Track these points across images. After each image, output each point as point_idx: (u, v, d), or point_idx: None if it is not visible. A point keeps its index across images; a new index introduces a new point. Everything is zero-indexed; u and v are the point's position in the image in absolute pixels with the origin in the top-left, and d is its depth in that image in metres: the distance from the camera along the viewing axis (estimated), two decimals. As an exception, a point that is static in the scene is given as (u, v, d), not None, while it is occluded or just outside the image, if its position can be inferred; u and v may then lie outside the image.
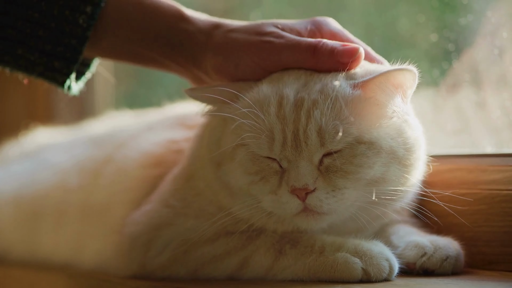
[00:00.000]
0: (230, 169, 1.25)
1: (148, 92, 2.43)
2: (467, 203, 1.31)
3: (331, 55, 1.24)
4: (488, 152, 1.43)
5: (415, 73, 1.21)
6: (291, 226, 1.26)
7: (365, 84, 1.21)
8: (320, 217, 1.22)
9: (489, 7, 1.51)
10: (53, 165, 1.69)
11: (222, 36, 1.29)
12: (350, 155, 1.20)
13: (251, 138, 1.21)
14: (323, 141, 1.19)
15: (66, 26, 1.30)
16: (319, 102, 1.20)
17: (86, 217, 1.53)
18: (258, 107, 1.22)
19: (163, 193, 1.37)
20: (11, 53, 1.32)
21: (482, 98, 1.53)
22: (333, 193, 1.20)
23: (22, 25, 1.30)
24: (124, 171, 1.49)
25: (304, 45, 1.25)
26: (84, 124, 1.92)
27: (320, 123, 1.19)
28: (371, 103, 1.22)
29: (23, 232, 1.69)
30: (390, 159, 1.21)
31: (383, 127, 1.22)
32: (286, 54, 1.26)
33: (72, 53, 1.31)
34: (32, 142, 1.92)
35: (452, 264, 1.26)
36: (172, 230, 1.32)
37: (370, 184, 1.21)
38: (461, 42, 1.58)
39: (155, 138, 1.49)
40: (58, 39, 1.31)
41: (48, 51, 1.31)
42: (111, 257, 1.41)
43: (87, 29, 1.30)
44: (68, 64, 1.32)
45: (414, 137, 1.25)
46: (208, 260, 1.29)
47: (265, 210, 1.24)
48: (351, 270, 1.20)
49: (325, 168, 1.20)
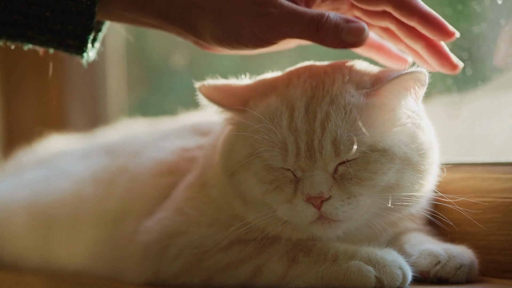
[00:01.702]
0: (244, 178, 1.25)
1: (161, 99, 2.43)
2: (481, 212, 1.31)
3: (335, 32, 1.21)
4: (502, 161, 1.42)
5: (425, 73, 1.21)
6: (306, 234, 1.26)
7: (377, 92, 1.22)
8: (336, 224, 1.22)
9: (503, 15, 1.51)
10: (67, 173, 1.69)
11: (219, 3, 1.25)
12: (364, 162, 1.20)
13: (264, 150, 1.21)
14: (338, 152, 1.19)
15: (71, 5, 1.29)
16: (332, 114, 1.20)
17: (100, 225, 1.53)
18: (269, 120, 1.22)
19: (177, 201, 1.37)
20: (22, 36, 1.32)
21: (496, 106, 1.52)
22: (348, 201, 1.20)
23: (27, 9, 1.30)
24: (138, 179, 1.49)
25: (306, 19, 1.22)
26: (97, 131, 1.93)
27: (335, 135, 1.19)
28: (384, 110, 1.22)
29: (37, 239, 1.69)
30: (405, 165, 1.22)
31: (396, 134, 1.22)
32: (286, 26, 1.22)
33: (82, 30, 1.30)
34: (46, 150, 1.92)
35: (466, 272, 1.26)
36: (185, 238, 1.32)
37: (385, 190, 1.21)
38: (474, 50, 1.58)
39: (169, 146, 1.49)
40: (66, 18, 1.30)
41: (58, 30, 1.31)
42: (124, 265, 1.42)
43: (92, 5, 1.29)
44: (81, 40, 1.31)
45: (427, 142, 1.25)
46: (222, 268, 1.29)
47: (281, 219, 1.24)
48: (365, 278, 1.20)
49: (340, 176, 1.20)
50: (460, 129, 1.56)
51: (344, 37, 1.21)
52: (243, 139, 1.25)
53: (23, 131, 2.44)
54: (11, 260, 1.77)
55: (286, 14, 1.22)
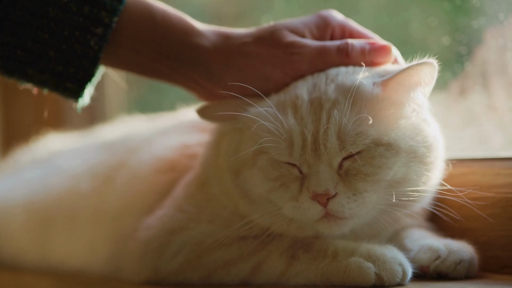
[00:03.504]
0: (250, 176, 1.25)
1: (159, 97, 2.43)
2: (481, 207, 1.31)
3: (363, 55, 1.26)
4: (502, 156, 1.42)
5: (435, 66, 1.21)
6: (311, 232, 1.26)
7: (385, 83, 1.21)
8: (342, 222, 1.21)
9: (502, 9, 1.51)
10: (65, 170, 1.69)
11: (239, 50, 1.29)
12: (369, 157, 1.20)
13: (270, 142, 1.21)
14: (343, 144, 1.19)
15: (77, 48, 1.28)
16: (338, 102, 1.20)
17: (98, 223, 1.53)
18: (274, 113, 1.21)
19: (177, 198, 1.37)
20: (21, 73, 1.31)
21: (495, 101, 1.52)
22: (354, 197, 1.20)
23: (32, 46, 1.28)
24: (137, 176, 1.48)
25: (334, 49, 1.27)
26: (95, 129, 1.92)
27: (340, 124, 1.18)
28: (391, 102, 1.22)
29: (35, 238, 1.69)
30: (411, 158, 1.21)
31: (402, 127, 1.21)
32: (318, 61, 1.27)
33: (84, 74, 1.29)
34: (44, 148, 1.92)
35: (465, 267, 1.26)
36: (185, 235, 1.32)
37: (392, 186, 1.21)
38: (473, 45, 1.58)
39: (168, 143, 1.49)
40: (70, 60, 1.29)
41: (59, 71, 1.29)
42: (124, 262, 1.42)
43: (98, 51, 1.28)
44: (80, 85, 1.30)
45: (433, 135, 1.25)
46: (221, 265, 1.28)
47: (286, 217, 1.23)
48: (364, 275, 1.19)
49: (345, 172, 1.20)
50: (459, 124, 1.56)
51: (373, 58, 1.26)
52: (248, 137, 1.25)
53: (21, 130, 2.44)
54: (10, 259, 1.77)
55: (315, 50, 1.27)
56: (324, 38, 1.30)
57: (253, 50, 1.28)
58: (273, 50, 1.27)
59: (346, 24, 1.31)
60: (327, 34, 1.30)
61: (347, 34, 1.31)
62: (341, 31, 1.31)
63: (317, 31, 1.30)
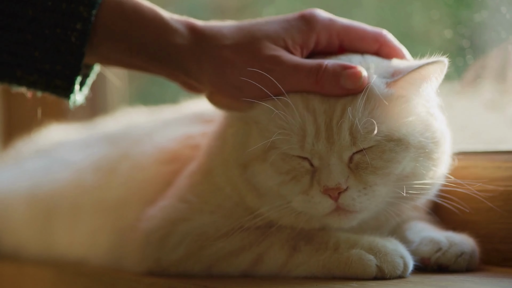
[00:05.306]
0: (259, 170, 1.25)
1: (161, 89, 2.43)
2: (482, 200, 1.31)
3: (334, 80, 1.21)
4: (504, 149, 1.42)
5: (445, 63, 1.21)
6: (319, 225, 1.26)
7: (397, 83, 1.21)
8: (352, 215, 1.22)
9: (504, 3, 1.51)
10: (67, 162, 1.69)
11: (213, 54, 1.26)
12: (379, 151, 1.20)
13: (281, 139, 1.20)
14: (355, 140, 1.19)
15: (60, 45, 1.28)
16: (352, 100, 1.20)
17: (101, 214, 1.53)
18: (285, 106, 1.21)
19: (180, 189, 1.37)
20: (11, 76, 1.31)
21: (497, 94, 1.52)
22: (364, 191, 1.20)
23: (16, 48, 1.28)
24: (139, 167, 1.48)
25: (305, 70, 1.22)
26: (98, 121, 1.92)
27: (352, 122, 1.19)
28: (402, 100, 1.22)
29: (37, 229, 1.69)
30: (420, 153, 1.22)
31: (412, 124, 1.22)
32: (290, 80, 1.22)
33: (71, 70, 1.29)
34: (46, 140, 1.92)
35: (467, 260, 1.26)
36: (188, 225, 1.32)
37: (400, 180, 1.22)
38: (475, 38, 1.58)
39: (171, 134, 1.49)
40: (55, 58, 1.29)
41: (47, 70, 1.29)
42: (126, 253, 1.42)
43: (81, 46, 1.28)
44: (69, 81, 1.30)
45: (440, 130, 1.25)
46: (223, 256, 1.29)
47: (295, 211, 1.23)
48: (366, 267, 1.20)
49: (355, 165, 1.20)
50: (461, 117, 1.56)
51: (343, 84, 1.20)
52: (257, 131, 1.25)
53: (23, 121, 2.44)
54: (12, 250, 1.78)
55: (288, 69, 1.22)
56: (307, 45, 1.26)
57: (229, 56, 1.25)
58: (250, 62, 1.24)
59: (331, 24, 1.27)
60: (311, 40, 1.26)
61: (334, 35, 1.27)
62: (327, 35, 1.27)
63: (300, 38, 1.26)
